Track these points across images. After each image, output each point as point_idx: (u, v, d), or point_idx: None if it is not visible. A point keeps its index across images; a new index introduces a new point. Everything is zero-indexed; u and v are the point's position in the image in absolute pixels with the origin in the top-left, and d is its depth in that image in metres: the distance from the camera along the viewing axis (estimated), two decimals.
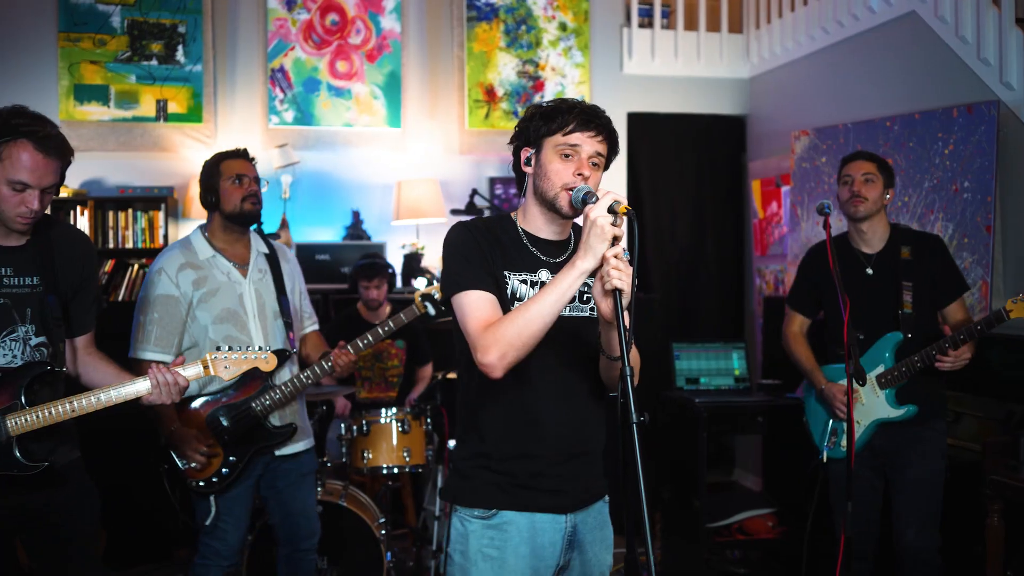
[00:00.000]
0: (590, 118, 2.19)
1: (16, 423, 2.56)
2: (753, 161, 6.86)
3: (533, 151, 2.25)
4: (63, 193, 5.65)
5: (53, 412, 2.59)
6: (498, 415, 2.24)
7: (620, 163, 6.71)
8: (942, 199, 4.75)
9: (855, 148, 5.29)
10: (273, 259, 3.53)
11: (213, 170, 3.42)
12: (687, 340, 4.83)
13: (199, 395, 3.37)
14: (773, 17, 6.52)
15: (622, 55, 6.79)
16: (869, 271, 3.63)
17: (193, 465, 3.29)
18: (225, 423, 3.32)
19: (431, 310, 3.66)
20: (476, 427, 2.28)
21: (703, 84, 6.92)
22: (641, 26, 6.77)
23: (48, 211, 2.73)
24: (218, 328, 3.32)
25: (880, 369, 3.57)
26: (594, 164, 2.20)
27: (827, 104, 5.94)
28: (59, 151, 2.58)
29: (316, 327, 3.79)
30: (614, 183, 6.61)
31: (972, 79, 4.67)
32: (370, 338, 3.58)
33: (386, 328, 3.61)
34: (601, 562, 2.33)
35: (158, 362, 2.81)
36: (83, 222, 5.67)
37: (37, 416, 2.57)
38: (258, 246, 3.52)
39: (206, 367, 2.71)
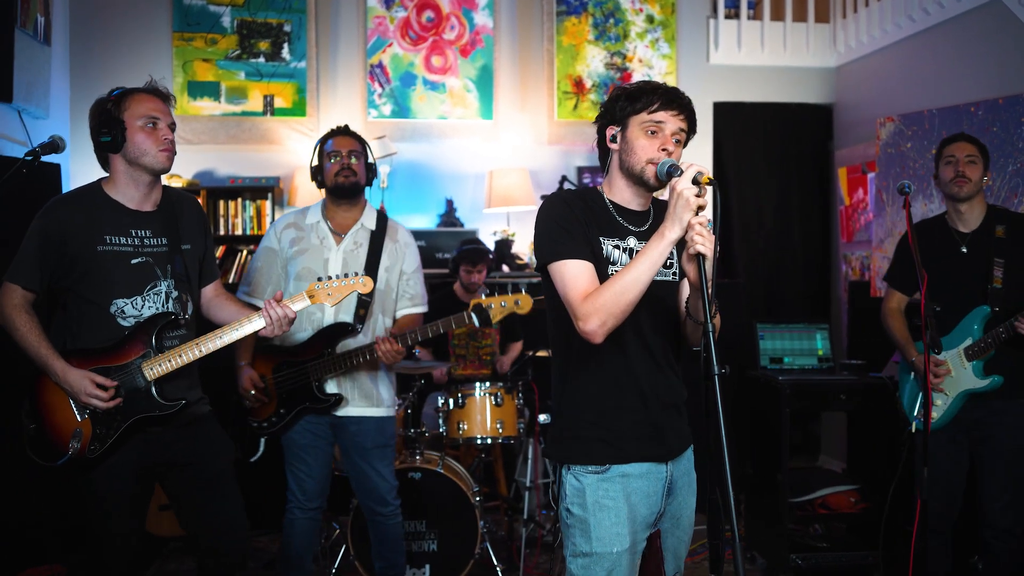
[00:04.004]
0: (673, 98, 2.38)
1: (152, 369, 2.87)
2: (839, 149, 6.91)
3: (619, 129, 2.43)
4: (177, 184, 6.05)
5: (184, 356, 2.90)
6: (598, 377, 2.42)
7: (706, 151, 6.81)
8: None
9: (940, 133, 5.34)
10: (377, 236, 3.73)
11: (320, 150, 3.74)
12: (771, 321, 4.94)
13: (277, 345, 3.65)
14: (860, 6, 6.56)
15: (708, 46, 6.90)
16: (964, 250, 3.71)
17: (246, 403, 3.63)
18: (284, 376, 3.63)
19: (476, 322, 3.68)
20: (577, 390, 2.45)
21: (789, 73, 6.99)
22: (727, 17, 6.87)
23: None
24: (297, 284, 3.60)
25: (968, 342, 3.65)
26: (677, 141, 2.38)
27: (912, 91, 5.98)
28: (165, 95, 3.00)
29: (416, 310, 3.84)
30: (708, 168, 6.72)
31: None
32: (418, 335, 3.66)
33: (433, 329, 3.69)
34: (688, 504, 2.52)
35: (247, 303, 3.29)
36: None
37: (170, 361, 2.88)
38: (366, 221, 3.74)
39: (312, 296, 3.00)
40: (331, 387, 3.64)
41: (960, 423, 3.68)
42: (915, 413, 3.77)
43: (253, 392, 3.61)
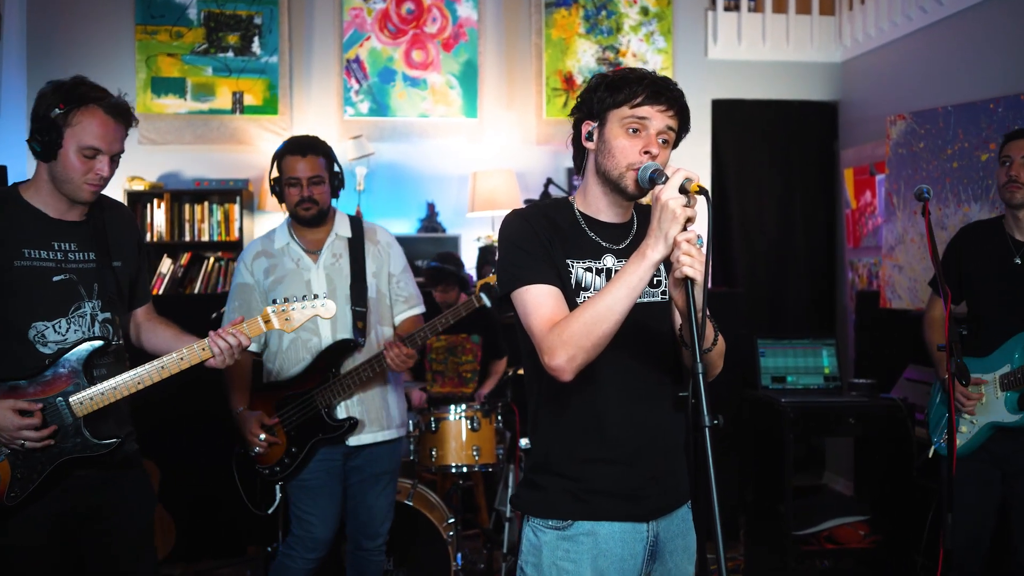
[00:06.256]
0: (661, 90, 1.98)
1: (82, 403, 2.50)
2: (845, 149, 6.62)
3: (596, 125, 2.04)
4: (140, 186, 5.69)
5: (118, 386, 2.52)
6: (566, 418, 2.06)
7: (705, 151, 6.55)
8: None
9: (956, 132, 5.01)
10: (356, 243, 3.41)
11: (278, 165, 3.37)
12: (773, 336, 4.58)
13: (274, 381, 3.35)
14: None
15: (707, 40, 6.61)
16: (1018, 261, 3.33)
17: (257, 450, 3.27)
18: (289, 412, 3.30)
19: (487, 302, 3.48)
20: (544, 432, 2.11)
21: (792, 69, 6.71)
22: (727, 9, 6.61)
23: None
24: None
25: (1006, 369, 3.28)
26: (663, 141, 1.99)
27: (925, 87, 5.66)
28: (126, 117, 2.59)
29: (414, 311, 3.57)
30: (698, 174, 6.40)
31: None
32: (427, 331, 3.41)
33: (443, 322, 3.45)
34: (683, 572, 2.12)
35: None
36: (159, 215, 5.70)
37: (102, 393, 2.51)
38: (339, 230, 3.42)
39: (267, 321, 2.68)
40: (341, 412, 3.32)
41: (992, 454, 3.31)
42: (939, 436, 3.43)
43: (264, 437, 3.25)
